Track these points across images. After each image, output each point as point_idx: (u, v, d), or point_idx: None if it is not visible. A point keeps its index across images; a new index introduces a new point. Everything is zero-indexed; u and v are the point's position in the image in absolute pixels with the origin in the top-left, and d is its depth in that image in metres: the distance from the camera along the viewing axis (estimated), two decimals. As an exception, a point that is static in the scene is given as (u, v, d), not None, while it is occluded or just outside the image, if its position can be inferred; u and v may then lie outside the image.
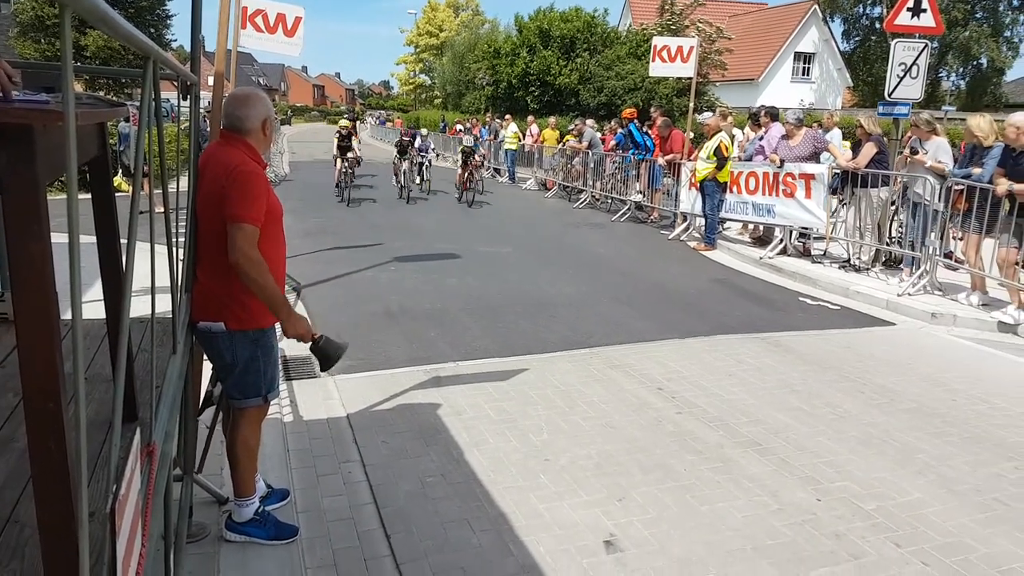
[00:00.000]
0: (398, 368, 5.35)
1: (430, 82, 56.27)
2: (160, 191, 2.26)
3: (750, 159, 10.49)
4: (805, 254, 9.66)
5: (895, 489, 3.75)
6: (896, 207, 8.91)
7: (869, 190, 8.57)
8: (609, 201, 14.58)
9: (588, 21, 30.42)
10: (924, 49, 9.58)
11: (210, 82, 5.35)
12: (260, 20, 7.57)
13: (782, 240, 9.78)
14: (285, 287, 3.49)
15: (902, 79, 10.01)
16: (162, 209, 2.41)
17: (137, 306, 1.60)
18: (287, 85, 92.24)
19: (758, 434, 4.37)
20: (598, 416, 4.59)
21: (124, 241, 1.60)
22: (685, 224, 11.67)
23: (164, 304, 2.46)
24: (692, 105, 12.70)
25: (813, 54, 36.69)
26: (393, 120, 51.89)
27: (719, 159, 10.23)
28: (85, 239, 1.06)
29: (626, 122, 13.82)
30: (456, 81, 38.80)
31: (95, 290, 2.13)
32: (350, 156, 14.83)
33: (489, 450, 4.07)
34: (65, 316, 1.27)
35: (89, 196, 2.03)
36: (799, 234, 9.82)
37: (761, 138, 10.48)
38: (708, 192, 10.48)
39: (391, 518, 3.36)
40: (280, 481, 3.56)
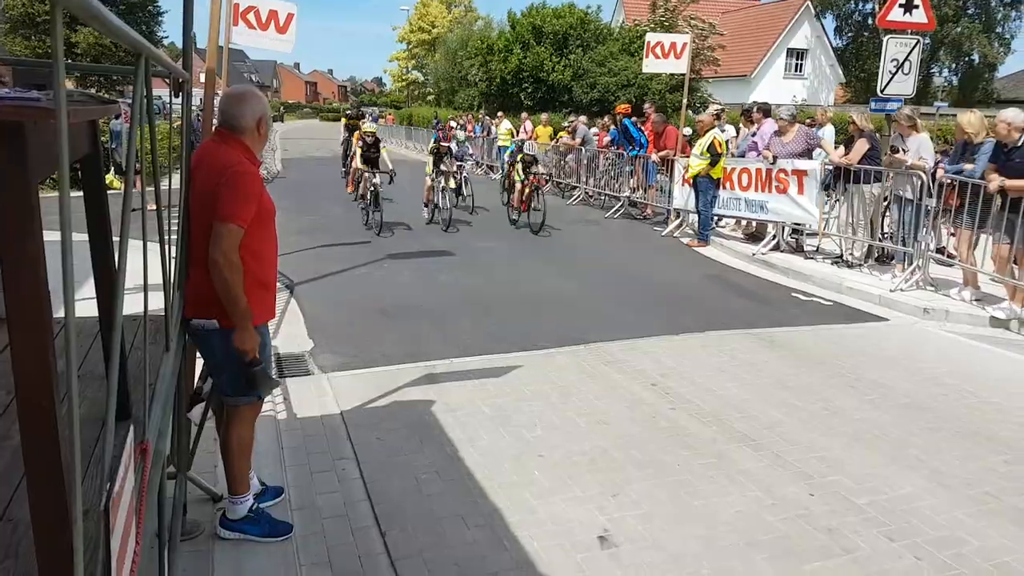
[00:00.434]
0: (392, 365, 5.35)
1: (423, 78, 56.13)
2: (152, 188, 2.26)
3: (743, 155, 10.51)
4: (798, 250, 9.69)
5: (887, 483, 3.77)
6: (888, 203, 8.95)
7: (861, 186, 8.61)
8: (603, 198, 14.58)
9: (581, 17, 30.41)
10: (916, 45, 9.62)
11: (202, 79, 5.34)
12: (252, 17, 7.53)
13: (775, 236, 9.81)
14: (277, 285, 3.49)
15: (894, 75, 10.05)
16: (155, 206, 2.40)
17: (129, 304, 1.59)
18: (279, 82, 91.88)
19: (751, 429, 4.39)
20: (592, 412, 4.60)
21: (116, 239, 1.60)
22: (678, 220, 11.70)
23: (156, 302, 2.46)
24: (685, 101, 12.70)
25: (806, 50, 36.75)
26: (386, 116, 51.73)
27: (713, 155, 10.25)
28: (77, 237, 1.06)
29: (620, 118, 13.79)
30: (449, 77, 38.72)
31: (87, 288, 2.13)
32: (378, 177, 10.96)
33: (483, 446, 4.08)
34: (57, 314, 1.27)
35: (81, 194, 2.02)
36: (792, 230, 9.85)
37: (754, 134, 10.51)
38: (701, 188, 10.49)
39: (385, 515, 3.36)
40: (274, 478, 3.56)
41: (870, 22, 36.41)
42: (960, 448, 4.22)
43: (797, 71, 36.85)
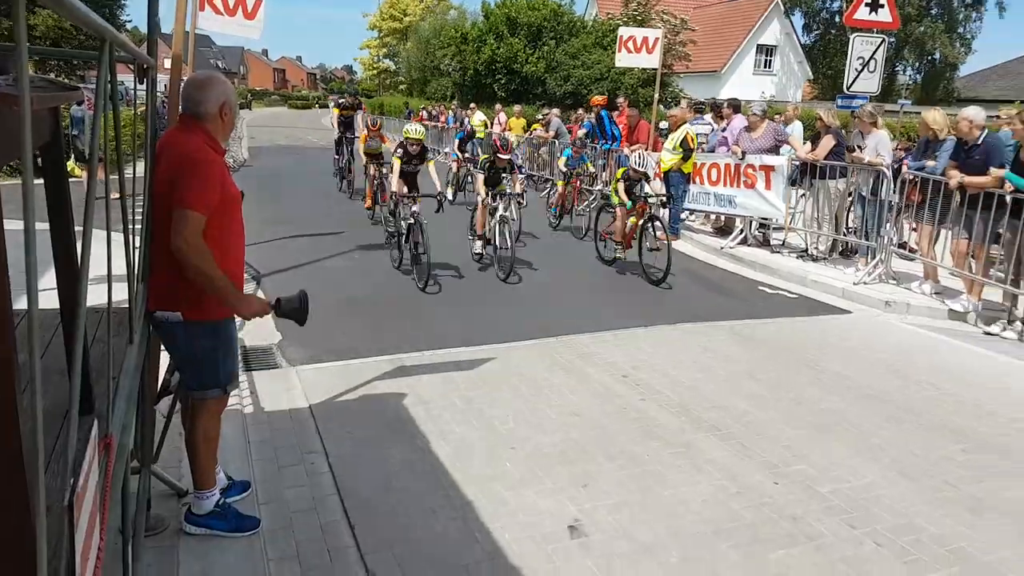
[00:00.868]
0: (363, 358, 5.32)
1: (395, 67, 55.63)
2: (116, 177, 2.21)
3: (713, 151, 10.62)
4: (764, 244, 9.83)
5: (850, 473, 3.86)
6: (853, 199, 9.12)
7: (827, 181, 8.76)
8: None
9: (555, 9, 30.43)
10: (881, 44, 9.81)
11: (167, 65, 5.22)
12: (219, 1, 7.38)
13: (743, 230, 9.94)
14: (244, 275, 3.45)
15: (860, 73, 10.25)
16: (118, 195, 2.35)
17: (92, 295, 1.56)
18: (247, 68, 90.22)
19: (719, 419, 4.46)
20: (563, 404, 4.63)
21: (79, 228, 1.56)
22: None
23: (120, 294, 2.41)
24: (657, 96, 12.79)
25: (775, 47, 37.22)
26: None
27: (685, 150, 10.34)
28: (38, 226, 1.03)
29: (597, 109, 13.76)
30: (421, 67, 38.46)
31: (48, 278, 2.07)
32: (419, 204, 7.58)
33: (455, 439, 4.08)
34: (18, 305, 1.24)
35: (42, 182, 1.97)
36: (759, 224, 9.99)
37: (724, 129, 10.62)
38: (673, 183, 10.57)
39: (355, 509, 3.35)
40: (241, 473, 3.52)
41: (837, 20, 37.05)
42: (920, 438, 4.33)
43: (766, 67, 37.30)
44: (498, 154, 8.11)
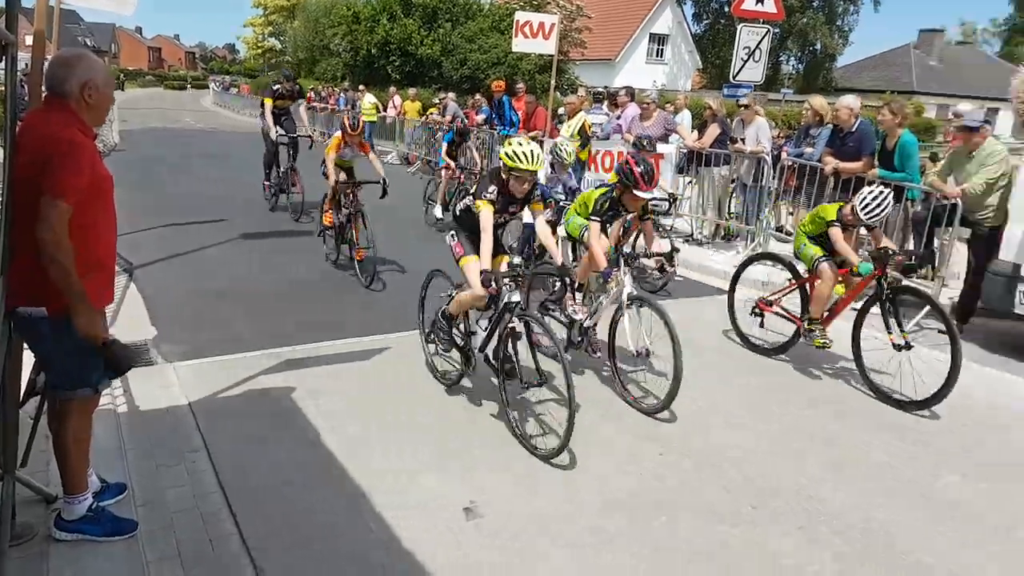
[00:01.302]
0: (247, 352, 5.09)
1: (280, 46, 53.46)
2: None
3: (607, 138, 10.87)
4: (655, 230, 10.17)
5: (719, 437, 4.12)
6: (735, 185, 9.60)
7: (712, 168, 9.17)
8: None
9: (450, -9, 30.04)
10: (767, 34, 10.29)
11: (28, 43, 4.82)
12: (86, -27, 6.86)
13: (635, 216, 10.24)
14: (116, 264, 3.26)
15: (746, 62, 10.73)
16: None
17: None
18: (118, 47, 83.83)
19: (604, 399, 4.64)
20: (459, 390, 4.66)
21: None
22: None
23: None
24: (553, 82, 12.92)
25: (667, 36, 38.32)
26: (239, 86, 48.84)
27: (583, 138, 10.50)
28: None
29: (497, 94, 13.68)
30: (309, 46, 37.01)
31: None
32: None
33: (346, 432, 4.01)
34: None
35: None
36: (649, 210, 10.31)
37: (619, 117, 10.88)
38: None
39: (241, 505, 3.25)
40: (116, 475, 3.33)
41: (726, 10, 38.60)
42: (793, 405, 4.72)
43: (658, 56, 38.39)
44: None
